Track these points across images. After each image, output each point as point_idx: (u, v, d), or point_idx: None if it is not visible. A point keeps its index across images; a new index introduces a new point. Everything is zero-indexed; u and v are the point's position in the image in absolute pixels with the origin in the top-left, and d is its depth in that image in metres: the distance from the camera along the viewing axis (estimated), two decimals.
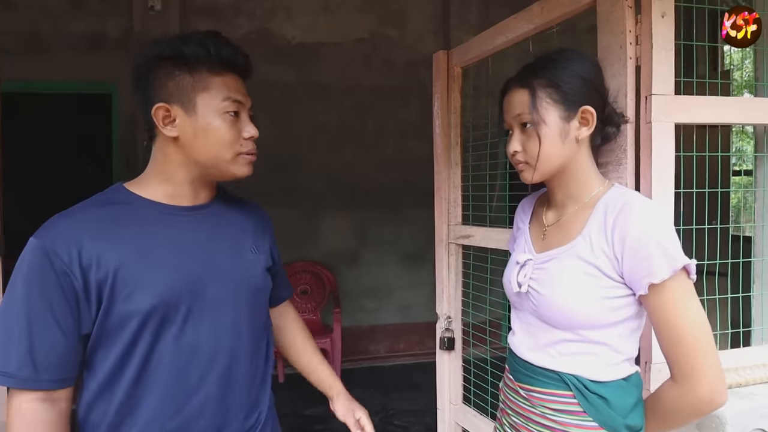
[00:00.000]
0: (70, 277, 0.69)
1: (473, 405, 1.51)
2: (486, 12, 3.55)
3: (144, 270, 0.73)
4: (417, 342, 3.69)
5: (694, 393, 0.72)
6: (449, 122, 1.51)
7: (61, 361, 0.71)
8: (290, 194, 3.39)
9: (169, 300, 0.74)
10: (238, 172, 0.82)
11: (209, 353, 0.77)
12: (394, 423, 2.67)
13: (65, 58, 3.08)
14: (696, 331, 0.71)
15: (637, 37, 0.95)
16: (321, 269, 3.39)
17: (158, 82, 0.77)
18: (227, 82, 0.79)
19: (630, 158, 0.95)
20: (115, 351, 0.73)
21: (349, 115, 3.50)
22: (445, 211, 1.54)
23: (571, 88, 0.80)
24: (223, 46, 0.78)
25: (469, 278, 1.53)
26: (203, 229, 0.82)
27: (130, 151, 3.11)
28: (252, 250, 0.87)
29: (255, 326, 0.85)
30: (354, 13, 3.46)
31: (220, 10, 3.29)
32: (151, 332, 0.73)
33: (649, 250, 0.70)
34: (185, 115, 0.77)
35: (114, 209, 0.77)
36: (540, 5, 1.15)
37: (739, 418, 0.88)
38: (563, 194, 0.85)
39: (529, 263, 0.84)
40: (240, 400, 0.82)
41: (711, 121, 1.02)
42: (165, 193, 0.80)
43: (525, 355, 0.84)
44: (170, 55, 0.76)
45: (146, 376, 0.74)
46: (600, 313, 0.75)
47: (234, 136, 0.79)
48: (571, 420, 0.77)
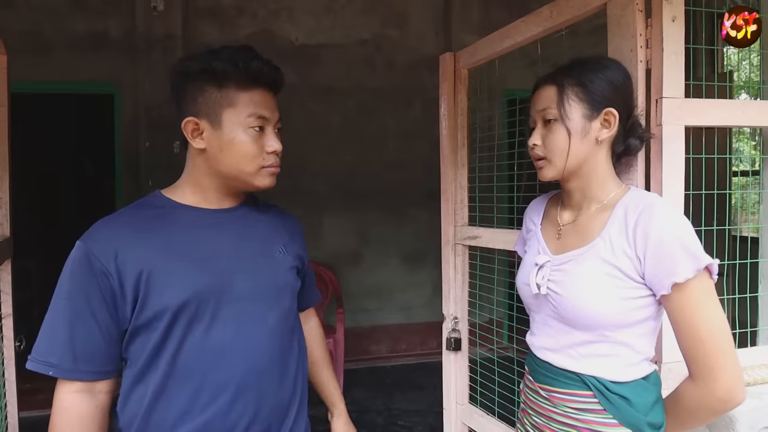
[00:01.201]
0: (108, 277, 0.75)
1: (479, 405, 1.52)
2: (487, 14, 3.56)
3: (174, 266, 0.77)
4: (418, 342, 3.69)
5: (714, 392, 0.73)
6: (456, 124, 1.52)
7: (99, 353, 0.76)
8: (292, 195, 3.39)
9: (199, 295, 0.77)
10: (260, 184, 0.84)
11: (238, 349, 0.79)
12: (398, 423, 2.68)
13: (67, 58, 3.07)
14: (716, 331, 0.72)
15: (648, 40, 0.96)
16: (323, 270, 3.40)
17: (189, 96, 0.81)
18: (254, 97, 0.81)
19: (640, 160, 0.97)
20: (149, 345, 0.77)
21: (352, 116, 3.51)
22: (452, 212, 1.55)
23: (597, 89, 0.81)
24: (253, 60, 0.80)
25: (475, 279, 1.54)
26: (232, 229, 0.85)
27: (132, 152, 3.11)
28: (281, 250, 0.89)
29: (285, 325, 0.87)
30: (356, 15, 3.47)
31: (223, 10, 3.29)
32: (182, 327, 0.77)
33: (673, 250, 0.71)
34: (212, 129, 0.81)
35: (149, 213, 0.82)
36: (549, 8, 1.16)
37: (749, 416, 0.89)
38: (580, 195, 0.85)
39: (547, 265, 0.84)
40: (270, 398, 0.83)
41: (720, 123, 1.03)
42: (196, 198, 0.85)
43: (545, 356, 0.85)
44: (201, 70, 0.79)
45: (176, 370, 0.77)
46: (622, 314, 0.76)
47: (257, 151, 0.82)
48: (594, 418, 0.78)
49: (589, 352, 0.79)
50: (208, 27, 3.27)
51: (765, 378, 0.97)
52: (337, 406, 1.04)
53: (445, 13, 3.60)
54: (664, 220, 0.73)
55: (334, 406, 1.04)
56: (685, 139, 0.98)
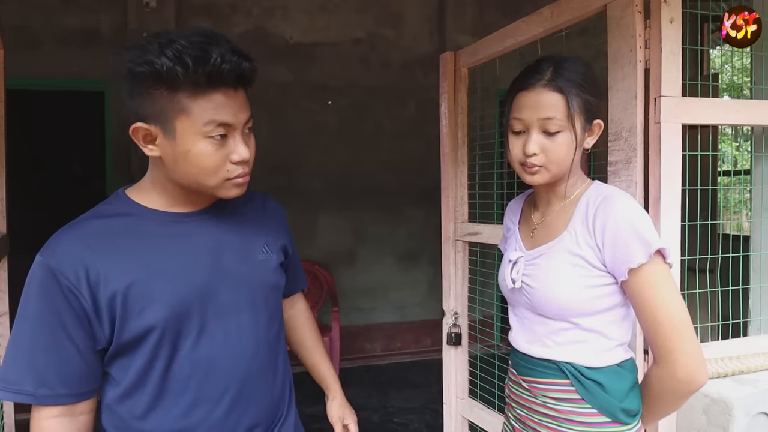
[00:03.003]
0: (78, 297, 0.68)
1: (479, 399, 1.55)
2: (481, 14, 3.60)
3: (153, 284, 0.71)
4: (413, 340, 3.72)
5: (675, 374, 0.75)
6: (456, 122, 1.54)
7: (78, 375, 0.70)
8: (287, 194, 3.38)
9: (181, 311, 0.72)
10: (225, 195, 0.74)
11: (229, 360, 0.76)
12: (394, 420, 2.69)
13: (56, 53, 3.02)
14: (673, 313, 0.74)
15: (647, 41, 1.00)
16: (318, 269, 3.40)
17: (137, 99, 0.68)
18: (213, 101, 0.67)
19: (640, 157, 1.00)
20: (135, 364, 0.72)
21: (346, 114, 3.52)
22: (452, 209, 1.57)
23: (592, 100, 0.83)
24: (208, 57, 0.64)
25: (475, 275, 1.57)
26: (207, 235, 0.77)
27: (123, 151, 3.07)
28: (263, 249, 0.83)
29: (272, 327, 0.84)
30: (351, 14, 3.48)
31: (217, 8, 3.28)
32: (168, 345, 0.72)
33: (626, 238, 0.75)
34: (164, 138, 0.69)
35: (116, 222, 0.73)
36: (550, 9, 1.19)
37: (744, 403, 0.93)
38: (550, 194, 0.88)
39: (521, 260, 0.87)
40: (265, 401, 0.81)
41: (715, 122, 1.07)
42: (164, 201, 0.76)
43: (524, 348, 0.88)
44: (145, 71, 0.65)
45: (168, 387, 0.73)
46: (589, 301, 0.79)
47: (218, 162, 0.70)
48: (570, 408, 0.81)
49: (563, 340, 0.82)
50: (202, 24, 3.24)
51: (758, 366, 1.01)
52: (331, 387, 1.01)
53: (440, 13, 3.63)
54: (618, 209, 0.77)
55: (329, 388, 1.01)
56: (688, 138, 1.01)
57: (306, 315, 1.04)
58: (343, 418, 0.99)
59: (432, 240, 3.56)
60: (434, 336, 3.70)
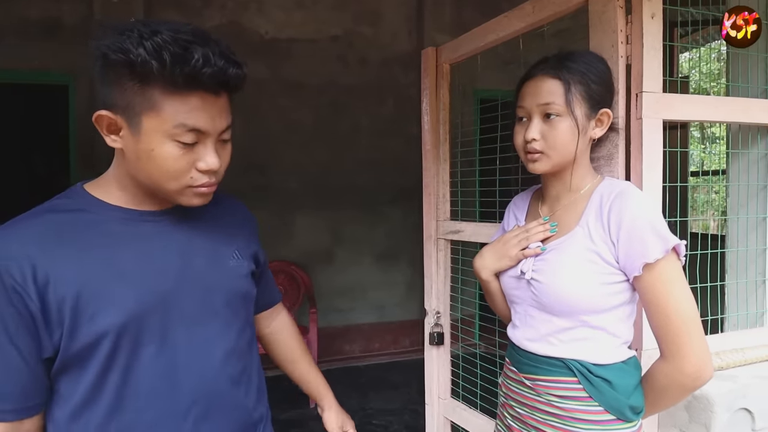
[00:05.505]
0: (24, 297, 0.61)
1: (462, 399, 1.53)
2: (459, 13, 3.61)
3: (109, 286, 0.65)
4: (391, 341, 3.69)
5: (682, 369, 0.76)
6: (438, 119, 1.52)
7: (23, 388, 0.63)
8: (263, 193, 3.30)
9: (139, 317, 0.66)
10: (184, 203, 0.69)
11: (196, 373, 0.70)
12: (373, 422, 2.66)
13: (15, 45, 2.85)
14: (683, 310, 0.75)
15: (628, 36, 0.99)
16: (295, 269, 3.33)
17: (106, 85, 0.64)
18: (189, 104, 0.63)
19: (621, 152, 0.99)
20: (86, 377, 0.65)
21: (323, 113, 3.46)
22: (434, 207, 1.55)
23: (596, 89, 0.83)
24: (191, 59, 0.60)
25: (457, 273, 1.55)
26: (175, 237, 0.72)
27: (88, 147, 2.93)
28: (234, 255, 0.78)
29: (243, 338, 0.78)
30: (328, 10, 3.43)
31: (189, 0, 3.17)
32: (125, 354, 0.66)
33: (643, 233, 0.75)
34: (129, 131, 0.64)
35: (72, 216, 0.67)
36: (531, 4, 1.18)
37: (725, 398, 0.93)
38: (560, 187, 0.88)
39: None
40: (237, 414, 0.76)
41: (695, 118, 1.08)
42: (125, 197, 0.70)
43: (527, 346, 0.86)
44: (119, 59, 0.60)
45: (125, 404, 0.66)
46: (600, 298, 0.78)
47: (183, 168, 0.65)
48: (577, 405, 0.79)
49: (569, 338, 0.81)
50: (172, 17, 3.13)
51: (737, 361, 1.02)
52: (325, 397, 0.97)
53: (418, 12, 3.62)
54: (635, 204, 0.77)
55: (322, 399, 0.97)
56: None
57: (290, 327, 1.00)
58: (343, 426, 0.96)
59: (410, 239, 3.56)
60: (413, 336, 3.69)
